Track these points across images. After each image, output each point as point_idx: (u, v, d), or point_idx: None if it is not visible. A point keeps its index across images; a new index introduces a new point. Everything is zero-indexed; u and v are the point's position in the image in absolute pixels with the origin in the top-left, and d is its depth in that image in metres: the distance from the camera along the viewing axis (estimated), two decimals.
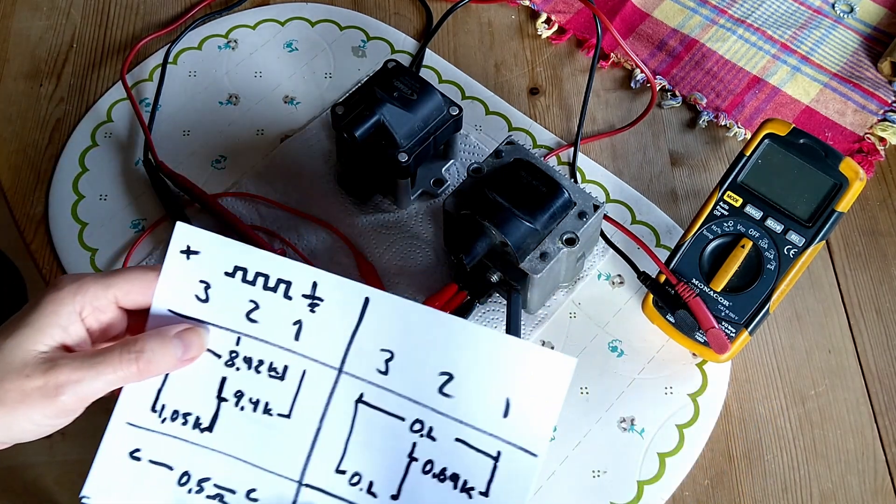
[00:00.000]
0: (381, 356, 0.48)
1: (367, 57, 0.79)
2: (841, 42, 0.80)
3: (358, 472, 0.48)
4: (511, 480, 0.47)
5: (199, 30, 0.80)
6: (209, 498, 0.49)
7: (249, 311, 0.49)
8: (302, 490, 0.48)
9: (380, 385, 0.48)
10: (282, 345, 0.49)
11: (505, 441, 0.47)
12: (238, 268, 0.49)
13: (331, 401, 0.48)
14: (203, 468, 0.49)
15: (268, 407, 0.49)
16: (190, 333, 0.48)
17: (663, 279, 0.61)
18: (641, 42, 0.80)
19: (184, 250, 0.49)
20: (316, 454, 0.48)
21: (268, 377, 0.49)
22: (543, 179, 0.60)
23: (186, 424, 0.49)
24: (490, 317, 0.66)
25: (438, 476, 0.48)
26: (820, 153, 0.61)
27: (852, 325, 0.67)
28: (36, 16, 0.83)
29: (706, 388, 0.63)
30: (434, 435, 0.48)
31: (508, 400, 0.47)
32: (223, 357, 0.49)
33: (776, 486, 0.61)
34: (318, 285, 0.48)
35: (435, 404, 0.48)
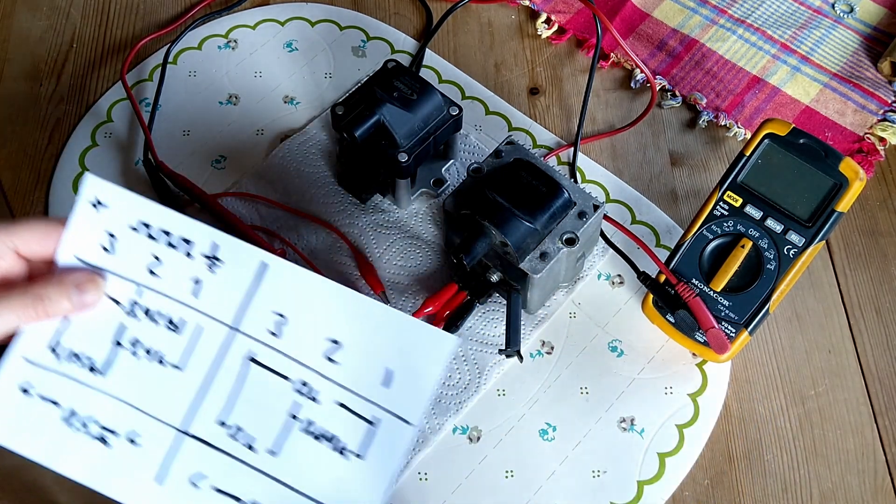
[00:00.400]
0: (275, 319, 0.51)
1: (367, 57, 0.79)
2: (841, 42, 0.80)
3: (240, 426, 0.50)
4: (386, 446, 0.50)
5: (199, 30, 0.80)
6: (92, 437, 0.51)
7: (152, 265, 0.51)
8: (183, 438, 0.50)
9: (271, 346, 0.51)
10: (181, 300, 0.51)
11: (383, 408, 0.50)
12: (143, 223, 0.51)
13: (223, 357, 0.51)
14: (90, 408, 0.51)
15: (161, 357, 0.51)
16: (88, 281, 0.50)
17: (663, 279, 0.61)
18: (641, 42, 0.80)
19: (93, 202, 0.51)
20: (202, 406, 0.51)
21: (165, 329, 0.51)
22: (543, 179, 0.60)
23: (81, 366, 0.51)
24: (490, 317, 0.66)
25: (317, 436, 0.50)
26: (820, 153, 0.61)
27: (852, 325, 0.67)
28: (36, 16, 0.83)
29: (706, 388, 0.63)
30: (317, 397, 0.50)
31: (390, 370, 0.50)
32: (124, 306, 0.51)
33: (776, 486, 0.61)
34: (218, 247, 0.51)
35: (321, 368, 0.50)
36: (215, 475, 0.50)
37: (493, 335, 0.65)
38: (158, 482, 0.50)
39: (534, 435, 0.61)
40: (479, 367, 0.64)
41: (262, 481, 0.50)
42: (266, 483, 0.50)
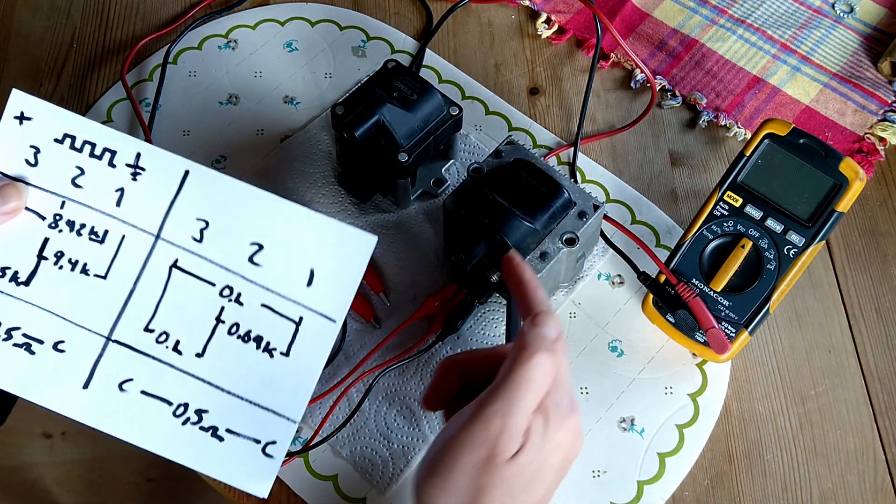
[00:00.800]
0: (197, 225, 0.52)
1: (367, 57, 0.79)
2: (841, 42, 0.80)
3: (166, 331, 0.52)
4: (311, 343, 0.51)
5: (199, 30, 0.80)
6: (16, 346, 0.52)
7: (75, 177, 0.52)
8: (109, 345, 0.52)
9: (194, 252, 0.52)
10: (104, 210, 0.52)
11: (307, 308, 0.51)
12: (67, 135, 0.52)
13: (146, 265, 0.52)
14: (14, 318, 0.52)
15: (86, 267, 0.52)
16: (8, 188, 0.51)
17: (663, 279, 0.61)
18: (641, 42, 0.80)
19: (17, 116, 0.52)
20: (127, 313, 0.52)
21: (88, 240, 0.52)
22: (543, 179, 0.60)
23: (4, 277, 0.52)
24: (490, 317, 0.66)
25: (243, 337, 0.51)
26: (820, 153, 0.61)
27: (852, 325, 0.67)
28: (36, 16, 0.83)
29: (706, 388, 0.63)
30: (242, 300, 0.51)
31: (312, 270, 0.51)
32: (47, 219, 0.52)
33: (776, 486, 0.61)
34: (141, 156, 0.52)
35: (244, 272, 0.51)
36: (143, 379, 0.51)
37: (493, 335, 0.65)
38: (86, 388, 0.51)
39: None
40: None
41: (189, 383, 0.51)
42: (194, 384, 0.51)
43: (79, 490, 1.35)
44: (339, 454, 0.61)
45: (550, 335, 0.47)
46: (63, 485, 1.35)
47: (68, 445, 1.37)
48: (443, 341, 0.63)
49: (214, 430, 0.51)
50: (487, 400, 0.45)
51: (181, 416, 0.51)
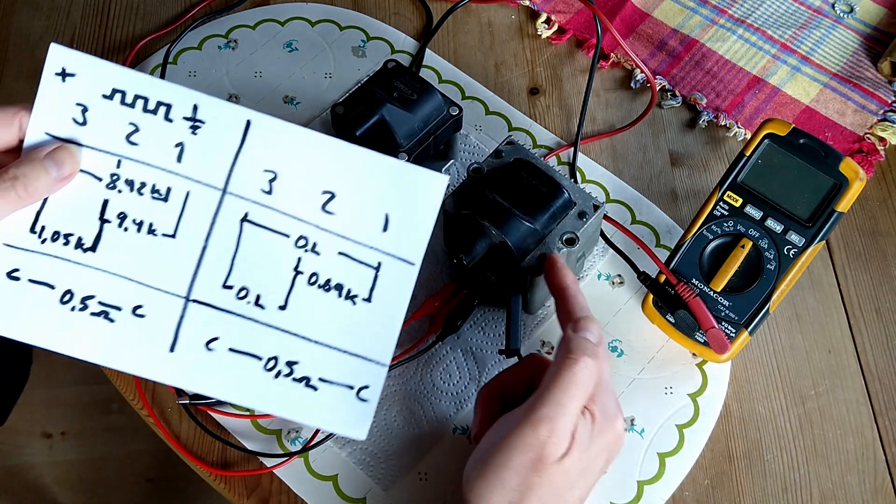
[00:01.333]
0: (265, 176, 0.50)
1: (367, 57, 0.79)
2: (841, 42, 0.80)
3: (245, 286, 0.50)
4: (391, 287, 0.51)
5: (199, 30, 0.80)
6: (94, 315, 0.50)
7: (129, 134, 0.50)
8: (189, 305, 0.50)
9: (264, 204, 0.50)
10: (164, 167, 0.50)
11: (385, 252, 0.51)
12: (116, 90, 0.49)
13: (216, 220, 0.50)
14: (87, 286, 0.50)
15: (152, 227, 0.50)
16: (61, 151, 0.48)
17: (663, 279, 0.61)
18: (641, 42, 0.80)
19: (59, 72, 0.49)
20: (202, 271, 0.50)
21: (151, 199, 0.50)
22: (543, 179, 0.60)
23: (68, 245, 0.50)
24: (490, 317, 0.66)
25: (324, 286, 0.51)
26: (820, 153, 0.61)
27: (852, 325, 0.67)
28: (36, 16, 0.83)
29: (706, 388, 0.63)
30: (318, 250, 0.51)
31: (387, 215, 0.51)
32: (104, 180, 0.50)
33: (776, 486, 0.61)
34: (198, 108, 0.50)
35: (318, 221, 0.51)
36: (229, 336, 0.50)
37: (493, 335, 0.65)
38: (172, 351, 0.50)
39: None
40: (479, 367, 0.64)
41: (276, 336, 0.51)
42: (281, 337, 0.51)
43: (79, 490, 1.35)
44: (339, 454, 0.61)
45: (593, 339, 0.50)
46: (63, 485, 1.35)
47: (68, 445, 1.37)
48: (443, 341, 0.63)
49: (307, 380, 0.50)
50: (536, 405, 0.47)
51: (272, 369, 0.50)
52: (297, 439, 0.61)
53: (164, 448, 0.64)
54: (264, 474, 0.61)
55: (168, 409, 0.64)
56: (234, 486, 0.61)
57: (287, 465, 0.60)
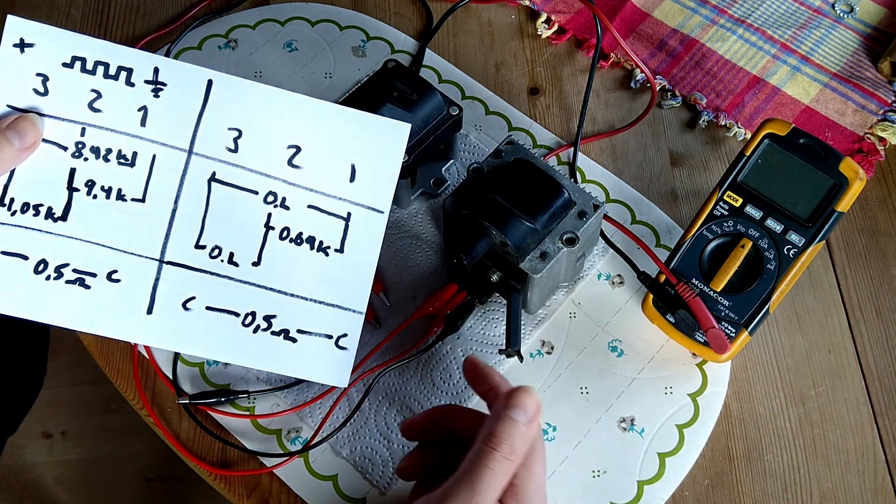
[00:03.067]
0: (230, 135, 0.51)
1: (367, 57, 0.79)
2: (841, 42, 0.80)
3: (217, 245, 0.51)
4: (362, 236, 0.52)
5: (199, 30, 0.80)
6: (69, 283, 0.50)
7: (92, 101, 0.50)
8: (164, 267, 0.51)
9: (230, 162, 0.51)
10: (128, 131, 0.50)
11: (353, 202, 0.52)
12: (76, 58, 0.50)
13: (184, 182, 0.51)
14: (60, 255, 0.50)
15: (121, 193, 0.51)
16: (22, 122, 0.48)
17: (663, 279, 0.61)
18: (641, 42, 0.80)
19: (17, 43, 0.49)
20: (174, 233, 0.51)
21: (117, 164, 0.51)
22: (543, 179, 0.60)
23: (38, 215, 0.50)
24: (490, 317, 0.66)
25: (295, 240, 0.51)
26: (820, 153, 0.61)
27: (852, 325, 0.67)
28: (36, 16, 0.82)
29: (706, 388, 0.63)
30: (287, 204, 0.51)
31: (353, 166, 0.51)
32: (69, 149, 0.50)
33: (776, 486, 0.61)
34: (159, 70, 0.50)
35: (285, 175, 0.51)
36: (205, 295, 0.51)
37: (493, 335, 0.65)
38: (150, 313, 0.51)
39: None
40: None
41: (252, 292, 0.51)
42: (257, 293, 0.51)
43: (79, 490, 1.35)
44: (339, 454, 0.61)
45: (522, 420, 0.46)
46: (63, 485, 1.35)
47: (68, 445, 1.37)
48: (443, 341, 0.63)
49: (286, 332, 0.51)
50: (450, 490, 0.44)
51: (250, 324, 0.51)
52: (297, 439, 0.61)
53: (164, 448, 0.64)
54: (264, 474, 0.61)
55: (168, 408, 0.64)
56: (234, 486, 0.61)
57: (287, 465, 0.60)
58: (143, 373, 0.64)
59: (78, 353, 0.99)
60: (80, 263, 0.51)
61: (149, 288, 0.51)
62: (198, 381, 0.63)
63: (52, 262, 0.50)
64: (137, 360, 0.64)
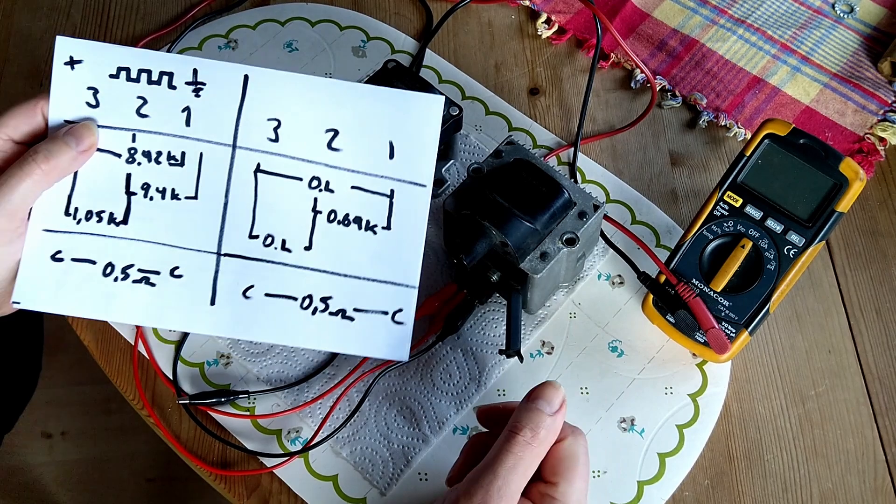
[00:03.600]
0: (270, 125, 0.53)
1: (367, 57, 0.79)
2: (841, 42, 0.80)
3: (270, 233, 0.53)
4: (408, 212, 0.53)
5: (199, 30, 0.80)
6: (135, 282, 0.53)
7: (139, 108, 0.53)
8: (222, 259, 0.53)
9: (273, 152, 0.53)
10: (175, 133, 0.53)
11: (395, 179, 0.53)
12: (121, 68, 0.53)
13: (231, 175, 0.53)
14: (125, 257, 0.53)
15: (175, 192, 0.53)
16: (79, 127, 0.52)
17: (663, 279, 0.61)
18: (641, 42, 0.80)
19: (67, 61, 0.53)
20: (228, 226, 0.53)
21: (168, 166, 0.53)
22: (543, 179, 0.60)
23: (102, 221, 0.53)
24: (490, 317, 0.66)
25: (343, 222, 0.53)
26: (820, 153, 0.61)
27: (852, 325, 0.67)
28: (36, 16, 0.83)
29: (706, 388, 0.63)
30: (331, 187, 0.53)
31: (392, 143, 0.53)
32: (123, 155, 0.53)
33: (776, 486, 0.61)
34: (198, 71, 0.53)
35: (326, 159, 0.53)
36: (263, 283, 0.53)
37: (493, 335, 0.65)
38: (213, 305, 0.53)
39: None
40: (479, 367, 0.64)
41: (307, 276, 0.53)
42: (312, 276, 0.53)
43: (79, 490, 1.35)
44: (339, 454, 0.61)
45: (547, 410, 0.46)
46: (63, 485, 1.35)
47: (68, 445, 1.37)
48: (443, 341, 0.63)
49: (343, 312, 0.53)
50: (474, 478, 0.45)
51: (308, 307, 0.53)
52: (297, 439, 0.61)
53: (164, 448, 0.64)
54: (264, 474, 0.61)
55: (168, 408, 0.64)
56: (234, 486, 0.61)
57: (287, 465, 0.60)
58: (143, 373, 0.64)
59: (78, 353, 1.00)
60: (144, 263, 0.53)
61: (210, 280, 0.53)
62: (198, 381, 0.63)
63: (118, 264, 0.53)
64: (137, 361, 0.64)
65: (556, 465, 0.47)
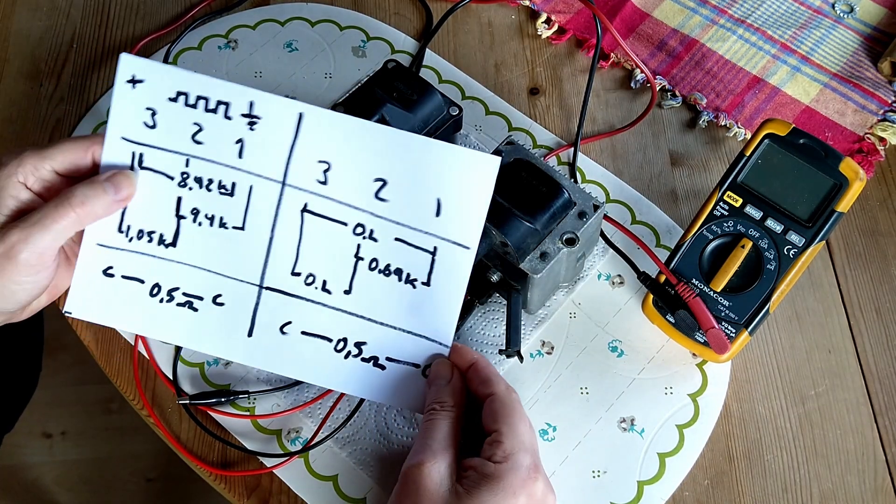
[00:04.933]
0: (320, 167, 0.53)
1: (367, 57, 0.79)
2: (841, 42, 0.80)
3: (312, 273, 0.53)
4: (449, 272, 0.53)
5: (199, 30, 0.80)
6: (179, 305, 0.54)
7: (194, 134, 0.53)
8: (263, 293, 0.54)
9: (321, 194, 0.53)
10: (227, 163, 0.53)
11: (439, 237, 0.53)
12: (180, 93, 0.53)
13: (279, 211, 0.53)
14: (172, 279, 0.54)
15: (223, 221, 0.54)
16: (119, 176, 0.52)
17: (663, 279, 0.61)
18: (641, 42, 0.80)
19: (129, 80, 0.53)
20: (272, 260, 0.54)
21: (218, 194, 0.53)
22: (543, 179, 0.60)
23: (152, 242, 0.54)
24: (490, 317, 0.66)
25: (384, 271, 0.53)
26: (820, 153, 0.61)
27: (852, 325, 0.67)
28: (36, 16, 0.83)
29: (706, 388, 0.63)
30: (375, 236, 0.53)
31: (440, 200, 0.52)
32: (175, 178, 0.53)
33: (776, 486, 0.61)
34: (254, 104, 0.53)
35: (373, 208, 0.53)
36: (301, 320, 0.53)
37: (493, 335, 0.65)
38: (251, 336, 0.54)
39: None
40: None
41: (344, 319, 0.53)
42: (349, 320, 0.53)
43: (79, 490, 1.35)
44: (339, 454, 0.61)
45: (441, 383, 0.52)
46: (63, 485, 1.35)
47: (68, 445, 1.37)
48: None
49: (375, 359, 0.53)
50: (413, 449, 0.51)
51: (342, 350, 0.53)
52: (297, 439, 0.61)
53: (165, 448, 0.64)
54: (264, 474, 0.61)
55: (168, 409, 0.64)
56: (234, 486, 0.61)
57: (287, 465, 0.60)
58: (143, 373, 0.64)
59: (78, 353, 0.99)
60: (188, 287, 0.54)
61: (250, 311, 0.54)
62: (198, 381, 0.63)
63: (164, 285, 0.54)
64: (138, 361, 0.64)
65: (492, 414, 0.50)
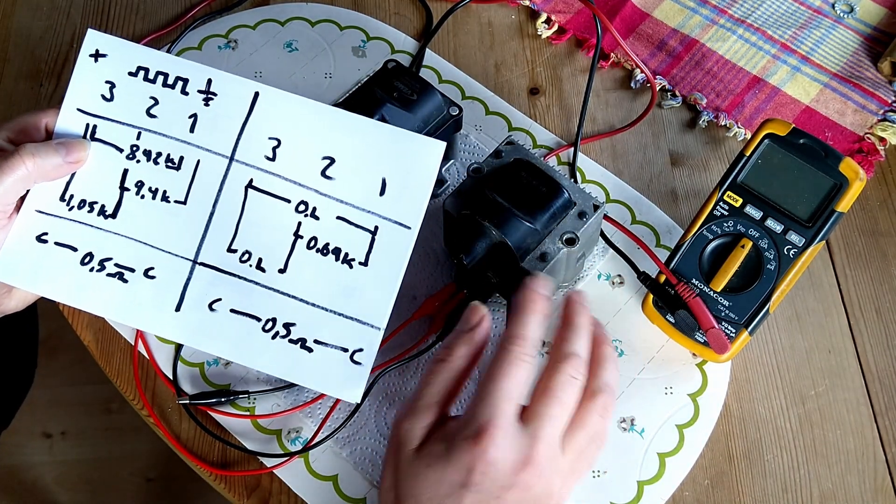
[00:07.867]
0: (269, 144, 0.53)
1: (367, 57, 0.79)
2: (841, 42, 0.80)
3: (248, 250, 0.53)
4: (388, 251, 0.53)
5: (199, 30, 0.80)
6: (109, 276, 0.54)
7: (150, 108, 0.54)
8: (196, 268, 0.54)
9: (267, 170, 0.53)
10: (178, 137, 0.54)
11: (381, 217, 0.53)
12: (141, 67, 0.54)
13: (223, 187, 0.54)
14: (105, 250, 0.54)
15: (166, 195, 0.54)
16: (72, 141, 0.54)
17: (663, 279, 0.61)
18: (641, 42, 0.80)
19: (92, 54, 0.54)
20: (209, 236, 0.54)
21: (165, 168, 0.54)
22: (543, 179, 0.60)
23: (92, 212, 0.54)
24: (490, 317, 0.65)
25: (321, 250, 0.53)
26: (820, 153, 0.61)
27: (852, 325, 0.67)
28: (36, 16, 0.83)
29: (706, 388, 0.63)
30: (317, 214, 0.53)
31: (384, 180, 0.52)
32: (125, 151, 0.54)
33: (776, 486, 0.61)
34: (212, 81, 0.54)
35: (318, 186, 0.53)
36: (231, 298, 0.53)
37: (493, 335, 0.65)
38: (178, 311, 0.53)
39: None
40: (479, 367, 0.64)
41: (275, 298, 0.53)
42: (280, 299, 0.53)
43: (79, 490, 1.35)
44: (339, 454, 0.61)
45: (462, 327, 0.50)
46: (63, 485, 1.35)
47: (68, 445, 1.37)
48: (443, 341, 0.63)
49: (303, 341, 0.52)
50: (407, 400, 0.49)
51: (270, 330, 0.53)
52: (297, 439, 0.61)
53: (164, 448, 0.64)
54: (264, 474, 0.61)
55: (168, 409, 0.64)
56: (234, 486, 0.61)
57: (287, 465, 0.60)
58: (143, 373, 0.64)
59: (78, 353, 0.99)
60: (121, 258, 0.54)
61: (180, 286, 0.53)
62: (198, 381, 0.63)
63: (97, 255, 0.54)
64: (138, 361, 0.64)
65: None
